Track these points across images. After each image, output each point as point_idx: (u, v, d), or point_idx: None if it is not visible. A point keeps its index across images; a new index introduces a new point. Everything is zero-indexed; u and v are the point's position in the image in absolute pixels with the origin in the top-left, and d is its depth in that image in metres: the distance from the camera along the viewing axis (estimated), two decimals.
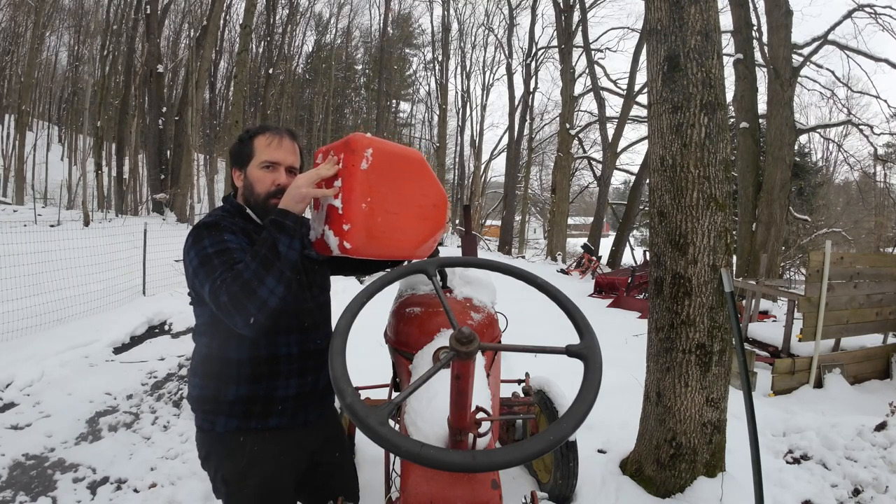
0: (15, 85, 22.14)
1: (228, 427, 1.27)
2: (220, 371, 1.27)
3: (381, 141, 1.23)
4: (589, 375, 0.80)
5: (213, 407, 1.27)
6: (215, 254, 1.15)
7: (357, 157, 1.17)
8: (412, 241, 1.33)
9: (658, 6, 2.28)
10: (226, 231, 1.21)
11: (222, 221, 1.24)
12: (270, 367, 1.29)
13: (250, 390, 1.27)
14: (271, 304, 1.09)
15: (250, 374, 1.27)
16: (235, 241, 1.20)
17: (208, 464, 1.33)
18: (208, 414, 1.28)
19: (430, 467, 0.69)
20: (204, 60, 14.61)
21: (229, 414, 1.27)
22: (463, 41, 26.67)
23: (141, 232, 7.12)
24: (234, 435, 1.28)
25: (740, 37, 9.24)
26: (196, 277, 1.17)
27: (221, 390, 1.26)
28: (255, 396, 1.28)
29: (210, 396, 1.27)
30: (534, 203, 29.23)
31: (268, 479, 1.30)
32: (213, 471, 1.32)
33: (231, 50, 23.27)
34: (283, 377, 1.30)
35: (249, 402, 1.27)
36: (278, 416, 1.31)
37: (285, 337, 1.31)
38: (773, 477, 2.50)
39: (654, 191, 2.40)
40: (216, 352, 1.27)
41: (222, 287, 1.08)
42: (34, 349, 4.15)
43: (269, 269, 1.10)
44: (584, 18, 17.90)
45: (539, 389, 2.40)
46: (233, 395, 1.26)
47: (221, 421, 1.27)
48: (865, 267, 4.54)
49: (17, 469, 2.66)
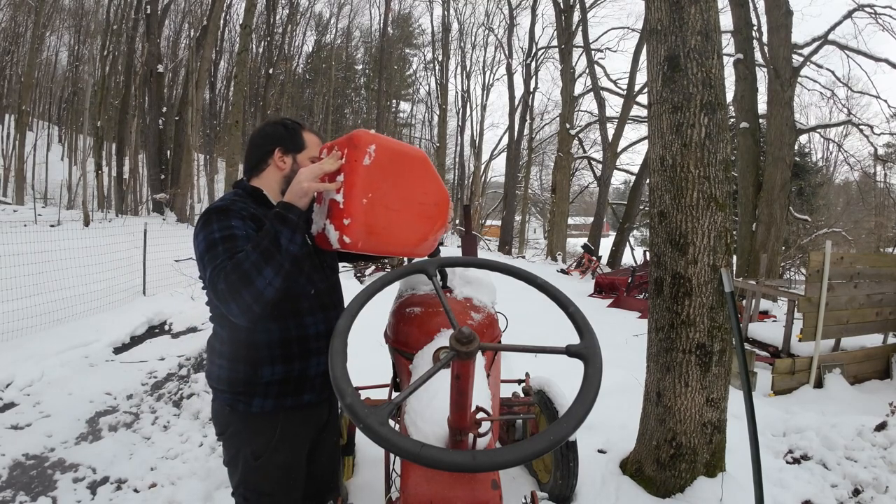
0: (15, 85, 22.15)
1: (265, 407, 1.32)
2: (248, 354, 1.30)
3: (385, 138, 1.24)
4: (589, 375, 0.80)
5: (247, 388, 1.32)
6: (221, 240, 1.18)
7: (360, 152, 1.18)
8: (412, 238, 1.33)
9: (658, 6, 2.28)
10: (235, 216, 1.24)
11: (233, 206, 1.26)
12: (301, 346, 1.35)
13: (285, 371, 1.33)
14: (268, 296, 1.12)
15: (282, 354, 1.32)
16: (242, 227, 1.22)
17: (232, 440, 1.36)
18: (240, 395, 1.32)
19: (431, 467, 0.70)
20: (204, 60, 14.60)
21: (265, 395, 1.32)
22: (463, 41, 26.69)
23: (141, 232, 7.11)
24: (269, 415, 1.33)
25: (740, 37, 9.24)
26: (201, 261, 1.20)
27: (256, 373, 1.31)
28: (290, 377, 1.34)
29: (241, 379, 1.31)
30: (534, 203, 29.21)
31: (293, 452, 1.38)
32: (237, 447, 1.35)
33: (231, 50, 23.27)
34: (314, 355, 1.37)
35: (284, 382, 1.33)
36: (310, 392, 1.38)
37: (311, 317, 1.36)
38: (773, 477, 2.50)
39: (654, 191, 2.40)
40: (244, 336, 1.30)
41: (221, 274, 1.11)
42: (34, 349, 4.15)
43: (268, 260, 1.12)
44: (584, 18, 17.89)
45: (539, 389, 2.40)
46: (268, 377, 1.31)
47: (258, 402, 1.32)
48: (865, 267, 4.54)
49: (17, 469, 2.66)
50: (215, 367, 1.35)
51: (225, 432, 1.37)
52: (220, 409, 1.37)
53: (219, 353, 1.35)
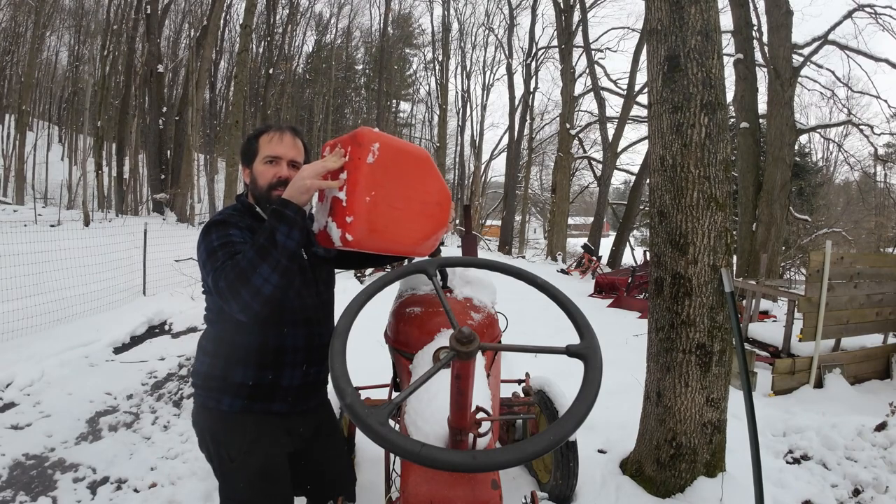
0: (15, 85, 22.14)
1: (234, 407, 1.34)
2: (229, 352, 1.33)
3: (389, 136, 1.24)
4: (589, 375, 0.80)
5: (220, 385, 1.34)
6: (219, 246, 1.23)
7: (364, 150, 1.18)
8: (414, 237, 1.33)
9: (658, 6, 2.28)
10: (232, 227, 1.29)
11: (230, 219, 1.32)
12: (276, 356, 1.36)
13: (257, 376, 1.34)
14: (265, 292, 1.13)
15: (258, 360, 1.34)
16: (240, 235, 1.27)
17: (207, 442, 1.38)
18: (213, 391, 1.35)
19: (431, 467, 0.70)
20: (204, 60, 14.59)
21: (235, 395, 1.34)
22: (463, 41, 26.67)
23: (141, 232, 7.12)
24: (238, 415, 1.34)
25: (740, 37, 9.24)
26: (204, 269, 1.25)
27: (230, 371, 1.33)
28: (261, 383, 1.35)
29: (218, 375, 1.34)
30: (534, 203, 29.20)
31: (269, 458, 1.37)
32: (213, 448, 1.37)
33: (231, 50, 23.25)
34: (288, 367, 1.38)
35: (255, 386, 1.34)
36: (281, 402, 1.39)
37: (291, 329, 1.37)
38: (774, 477, 2.50)
39: (655, 191, 2.40)
40: (227, 334, 1.33)
41: (221, 274, 1.14)
42: (34, 349, 4.15)
43: (264, 257, 1.13)
44: (585, 18, 17.90)
45: (539, 389, 2.40)
46: (240, 378, 1.33)
47: (227, 400, 1.34)
48: (865, 267, 4.54)
49: (17, 469, 2.66)
50: (198, 363, 1.40)
51: (199, 435, 1.39)
52: (196, 410, 1.40)
53: (203, 349, 1.40)
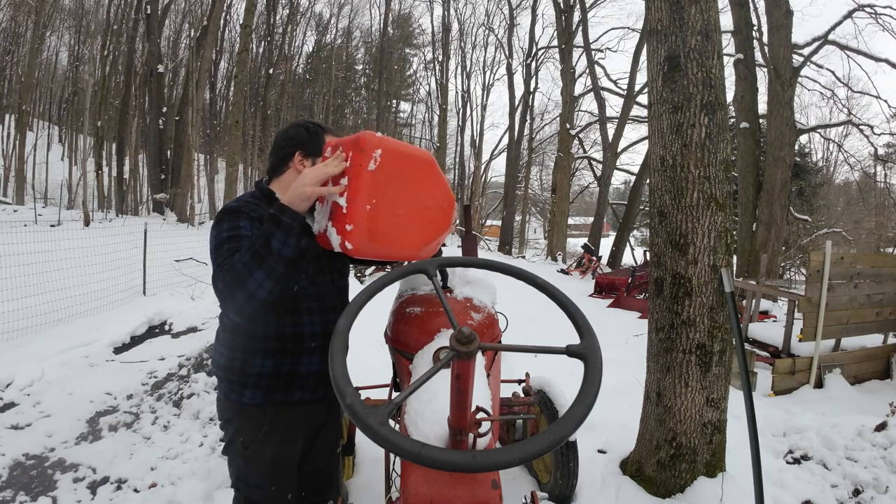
0: (15, 85, 22.16)
1: (255, 400, 1.35)
2: (246, 343, 1.34)
3: (392, 141, 1.22)
4: (589, 375, 0.80)
5: (240, 378, 1.34)
6: (227, 239, 1.23)
7: (365, 156, 1.16)
8: (416, 242, 1.32)
9: (658, 6, 2.28)
10: (245, 218, 1.28)
11: (244, 207, 1.31)
12: (295, 343, 1.36)
13: (275, 364, 1.35)
14: (259, 297, 1.13)
15: (275, 348, 1.34)
16: (250, 228, 1.26)
17: (229, 425, 1.40)
18: (234, 384, 1.36)
19: (431, 467, 0.70)
20: (204, 60, 14.59)
21: (256, 386, 1.34)
22: (463, 41, 26.67)
23: (141, 232, 7.11)
24: (259, 407, 1.36)
25: (740, 37, 9.24)
26: (211, 258, 1.26)
27: (248, 361, 1.34)
28: (280, 371, 1.35)
29: (237, 367, 1.35)
30: (534, 203, 29.19)
31: (283, 446, 1.39)
32: (232, 432, 1.39)
33: (231, 50, 23.25)
34: (306, 353, 1.38)
35: (274, 375, 1.35)
36: (301, 390, 1.39)
37: (308, 316, 1.38)
38: (774, 477, 2.50)
39: (655, 191, 2.40)
40: (243, 325, 1.33)
41: (220, 273, 1.16)
42: (34, 349, 4.15)
43: (260, 263, 1.13)
44: (585, 18, 17.89)
45: (539, 389, 2.40)
46: (258, 368, 1.34)
47: (248, 393, 1.35)
48: (865, 267, 4.54)
49: (17, 469, 2.65)
50: (217, 354, 1.41)
51: (222, 419, 1.42)
52: (220, 396, 1.43)
53: (221, 340, 1.40)
